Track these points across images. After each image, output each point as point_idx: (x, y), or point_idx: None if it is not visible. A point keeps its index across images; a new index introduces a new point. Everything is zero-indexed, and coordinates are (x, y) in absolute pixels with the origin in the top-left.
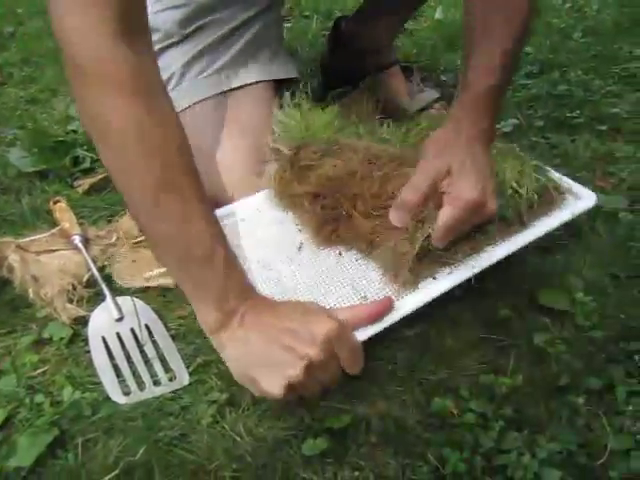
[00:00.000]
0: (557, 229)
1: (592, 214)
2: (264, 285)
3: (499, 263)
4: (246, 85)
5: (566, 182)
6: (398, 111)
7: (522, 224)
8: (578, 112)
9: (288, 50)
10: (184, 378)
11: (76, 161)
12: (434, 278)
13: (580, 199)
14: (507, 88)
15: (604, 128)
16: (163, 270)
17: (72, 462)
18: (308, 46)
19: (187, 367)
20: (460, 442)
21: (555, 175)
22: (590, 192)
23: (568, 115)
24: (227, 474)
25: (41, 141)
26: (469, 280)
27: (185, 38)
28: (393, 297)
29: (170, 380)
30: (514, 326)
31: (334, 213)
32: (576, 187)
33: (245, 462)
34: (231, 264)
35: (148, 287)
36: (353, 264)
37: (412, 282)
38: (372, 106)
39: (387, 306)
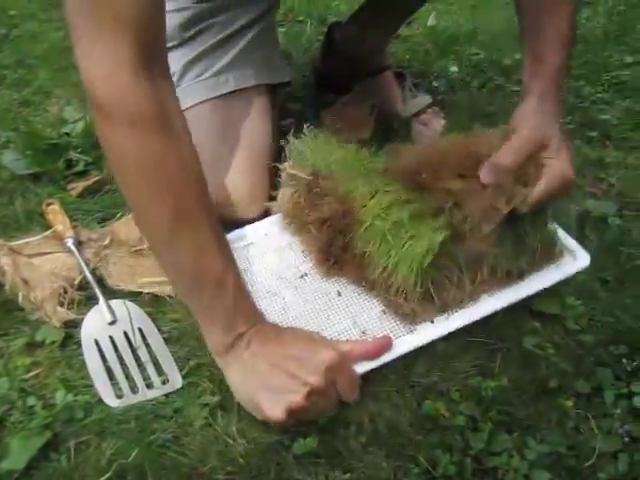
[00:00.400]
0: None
1: (582, 219)
2: (269, 311)
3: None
4: (243, 89)
5: (564, 238)
6: (391, 116)
7: (520, 277)
8: (569, 118)
9: (283, 54)
10: (177, 381)
11: (70, 164)
12: (432, 322)
13: (576, 259)
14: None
15: (594, 134)
16: (158, 280)
17: (65, 465)
18: (302, 51)
19: (180, 370)
20: (451, 444)
21: (557, 229)
22: (584, 252)
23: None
24: (220, 477)
25: (35, 144)
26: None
27: (185, 41)
28: (392, 335)
29: (163, 383)
30: (505, 329)
31: (340, 242)
32: (573, 245)
33: (238, 464)
34: (241, 290)
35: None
36: (355, 298)
37: (411, 321)
38: (366, 111)
39: (385, 345)
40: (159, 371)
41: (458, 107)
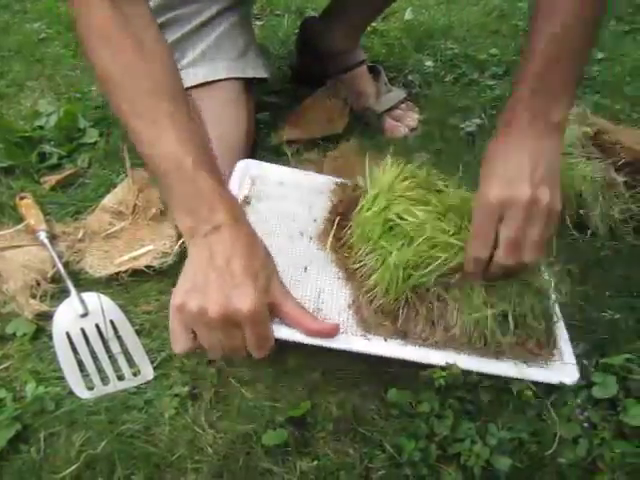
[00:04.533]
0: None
1: None
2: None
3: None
4: (214, 81)
5: (564, 341)
6: (365, 111)
7: (498, 354)
8: None
9: (260, 49)
10: (148, 373)
11: (43, 157)
12: (385, 340)
13: (564, 370)
14: (576, 70)
15: None
16: (133, 254)
17: (34, 456)
18: (279, 44)
19: (151, 362)
20: (416, 431)
21: (560, 329)
22: (575, 368)
23: None
24: (189, 465)
25: (7, 136)
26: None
27: None
28: (341, 328)
29: (134, 375)
30: None
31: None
32: (567, 353)
33: (207, 454)
34: (203, 172)
35: (117, 276)
36: (332, 279)
37: (365, 329)
38: (340, 105)
39: (327, 333)
40: (130, 363)
41: (432, 101)
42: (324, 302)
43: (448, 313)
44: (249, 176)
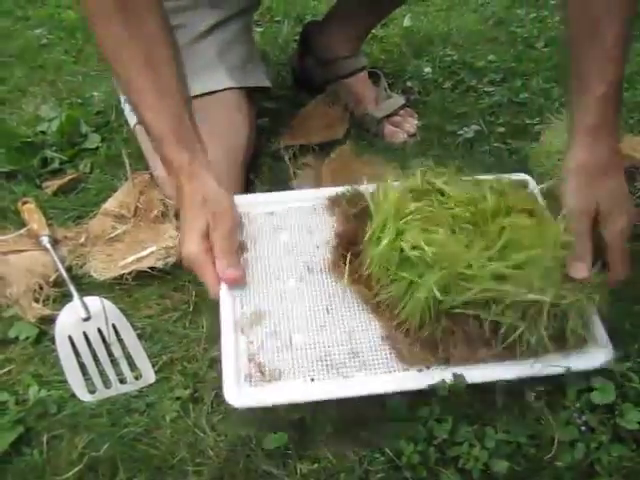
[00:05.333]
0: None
1: None
2: (266, 292)
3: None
4: (215, 92)
5: (595, 324)
6: (364, 117)
7: (537, 353)
8: (538, 119)
9: (260, 56)
10: (150, 376)
11: (45, 162)
12: (427, 367)
13: (600, 351)
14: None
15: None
16: (137, 256)
17: (37, 458)
18: (279, 51)
19: (153, 365)
20: (415, 435)
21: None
22: (610, 347)
23: (528, 122)
24: (190, 468)
25: (9, 142)
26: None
27: None
28: (384, 368)
29: (136, 378)
30: None
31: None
32: (601, 334)
33: (208, 456)
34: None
35: (121, 279)
36: (357, 311)
37: (406, 362)
38: (341, 111)
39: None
40: (132, 366)
41: (431, 108)
42: (359, 342)
43: (487, 330)
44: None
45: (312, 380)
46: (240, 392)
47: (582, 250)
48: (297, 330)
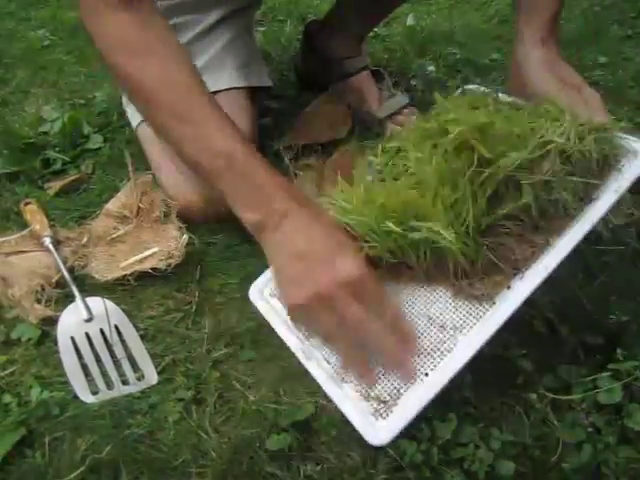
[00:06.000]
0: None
1: None
2: None
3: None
4: (217, 91)
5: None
6: (367, 116)
7: (586, 198)
8: None
9: (262, 55)
10: (152, 378)
11: (47, 163)
12: (508, 288)
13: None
14: None
15: None
16: (139, 257)
17: (39, 460)
18: (282, 50)
19: (156, 366)
20: (417, 434)
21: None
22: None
23: None
24: (193, 470)
25: (11, 143)
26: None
27: None
28: (472, 318)
29: (138, 379)
30: None
31: None
32: (629, 143)
33: (211, 458)
34: (256, 166)
35: (123, 280)
36: (416, 292)
37: (486, 298)
38: (343, 110)
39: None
40: (135, 367)
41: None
42: (438, 316)
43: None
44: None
45: (426, 375)
46: (377, 428)
47: (593, 99)
48: None
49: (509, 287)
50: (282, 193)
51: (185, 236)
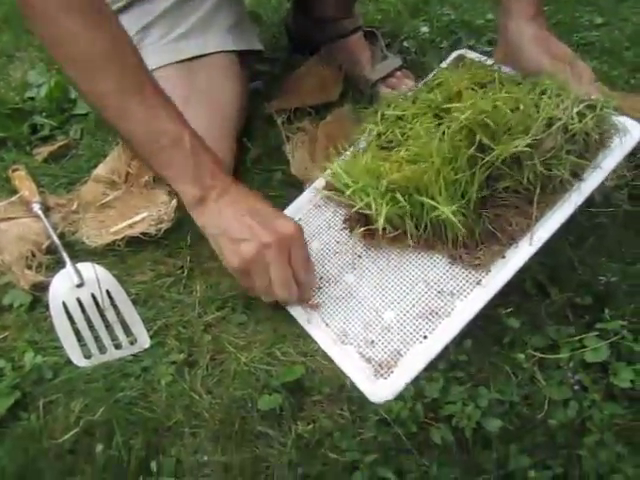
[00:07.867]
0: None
1: None
2: (334, 297)
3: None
4: (206, 54)
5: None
6: (359, 79)
7: (577, 175)
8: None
9: (251, 18)
10: (145, 341)
11: (34, 129)
12: (503, 257)
13: (628, 131)
14: None
15: None
16: (129, 222)
17: (34, 422)
18: (272, 11)
19: (148, 330)
20: (405, 394)
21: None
22: (634, 122)
23: None
24: (186, 430)
25: None
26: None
27: (131, 3)
28: (466, 283)
29: (131, 343)
30: None
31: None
32: (621, 119)
33: (203, 418)
34: (199, 146)
35: (113, 245)
36: (415, 259)
37: (482, 267)
38: (335, 72)
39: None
40: (127, 332)
41: (428, 68)
42: (436, 282)
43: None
44: None
45: (425, 337)
46: (379, 387)
47: (586, 73)
48: (381, 309)
49: (504, 257)
50: (222, 172)
51: (174, 200)
